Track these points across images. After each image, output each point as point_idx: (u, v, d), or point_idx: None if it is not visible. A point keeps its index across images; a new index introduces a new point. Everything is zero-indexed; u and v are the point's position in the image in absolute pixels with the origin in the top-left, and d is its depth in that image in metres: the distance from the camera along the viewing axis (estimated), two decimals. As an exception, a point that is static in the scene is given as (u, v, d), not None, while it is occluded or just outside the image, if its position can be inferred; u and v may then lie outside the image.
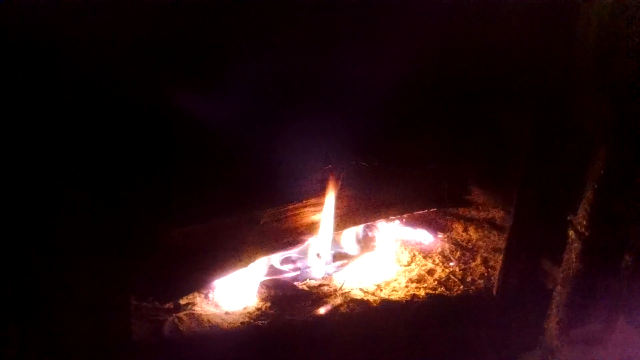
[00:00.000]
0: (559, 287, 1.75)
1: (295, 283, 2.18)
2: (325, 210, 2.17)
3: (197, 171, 1.91)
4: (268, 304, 2.04)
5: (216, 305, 2.03)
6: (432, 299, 2.13)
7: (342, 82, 2.03)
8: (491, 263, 2.37)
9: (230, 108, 1.88)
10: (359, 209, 2.31)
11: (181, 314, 1.94)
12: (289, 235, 2.12)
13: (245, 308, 2.02)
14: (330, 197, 2.16)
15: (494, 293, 2.14)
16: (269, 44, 1.91)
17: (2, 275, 1.53)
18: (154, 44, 1.70)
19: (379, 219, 2.43)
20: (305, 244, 2.20)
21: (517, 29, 1.93)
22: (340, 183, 2.17)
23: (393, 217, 2.48)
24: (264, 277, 2.16)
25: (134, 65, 1.66)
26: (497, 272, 2.16)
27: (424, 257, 2.44)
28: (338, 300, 2.08)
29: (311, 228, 2.18)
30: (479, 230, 2.61)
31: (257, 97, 1.93)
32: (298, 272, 2.25)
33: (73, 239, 1.60)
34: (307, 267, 2.26)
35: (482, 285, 2.23)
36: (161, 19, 1.66)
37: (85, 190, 1.61)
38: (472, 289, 2.21)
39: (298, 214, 2.14)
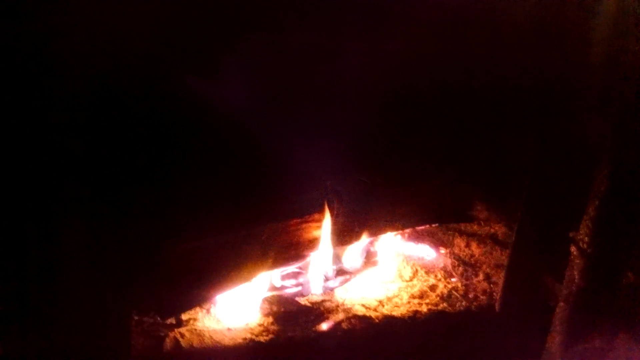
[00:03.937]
0: (561, 304, 1.74)
1: (298, 299, 2.18)
2: (327, 225, 2.17)
3: (201, 186, 1.92)
4: (270, 320, 2.04)
5: (218, 321, 2.03)
6: (434, 315, 2.12)
7: (345, 97, 2.04)
8: (494, 279, 2.37)
9: (230, 123, 1.90)
10: (361, 224, 2.31)
11: (183, 330, 1.94)
12: (291, 250, 2.12)
13: (247, 324, 2.02)
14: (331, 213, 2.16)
15: (496, 309, 2.14)
16: (272, 54, 1.93)
17: (3, 286, 1.53)
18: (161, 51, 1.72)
19: (381, 234, 2.43)
20: (308, 259, 2.20)
21: (522, 45, 1.94)
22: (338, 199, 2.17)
23: (395, 233, 2.48)
24: (266, 293, 2.16)
25: (139, 69, 1.67)
26: (499, 288, 2.16)
27: (426, 273, 2.44)
28: (340, 316, 2.08)
29: (314, 243, 2.18)
30: (482, 245, 2.60)
31: (258, 112, 1.94)
32: (300, 288, 2.25)
33: (75, 253, 1.61)
34: (310, 283, 2.25)
35: (484, 302, 2.22)
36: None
37: (89, 204, 1.62)
38: (474, 305, 2.20)
39: (300, 229, 2.14)
